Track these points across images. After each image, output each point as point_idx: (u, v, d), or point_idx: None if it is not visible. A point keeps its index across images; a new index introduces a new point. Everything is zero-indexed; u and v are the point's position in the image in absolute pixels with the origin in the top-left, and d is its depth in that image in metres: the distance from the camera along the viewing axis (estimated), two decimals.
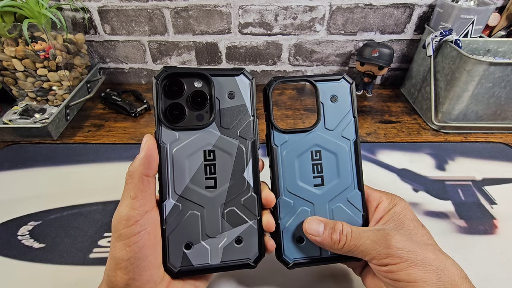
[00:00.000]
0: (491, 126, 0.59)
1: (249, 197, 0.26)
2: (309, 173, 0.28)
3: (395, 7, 0.66)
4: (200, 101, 0.25)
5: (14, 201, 0.44)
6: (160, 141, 0.24)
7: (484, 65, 0.50)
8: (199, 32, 0.69)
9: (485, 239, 0.40)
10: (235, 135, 0.26)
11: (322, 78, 0.28)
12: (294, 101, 0.70)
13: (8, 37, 0.56)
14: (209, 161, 0.25)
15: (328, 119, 0.28)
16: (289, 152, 0.28)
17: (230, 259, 0.26)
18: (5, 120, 0.58)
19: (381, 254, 0.23)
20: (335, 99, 0.28)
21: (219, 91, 0.26)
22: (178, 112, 0.25)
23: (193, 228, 0.25)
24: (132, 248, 0.22)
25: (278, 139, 0.28)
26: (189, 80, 0.25)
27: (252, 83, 0.27)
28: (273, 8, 0.66)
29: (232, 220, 0.26)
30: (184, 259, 0.25)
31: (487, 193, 0.46)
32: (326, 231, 0.26)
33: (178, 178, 0.25)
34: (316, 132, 0.28)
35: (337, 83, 0.28)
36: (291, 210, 0.27)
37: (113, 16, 0.67)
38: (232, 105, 0.26)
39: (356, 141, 0.28)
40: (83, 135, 0.58)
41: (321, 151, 0.28)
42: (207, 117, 0.25)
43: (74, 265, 0.37)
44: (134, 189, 0.22)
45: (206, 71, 0.25)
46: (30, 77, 0.60)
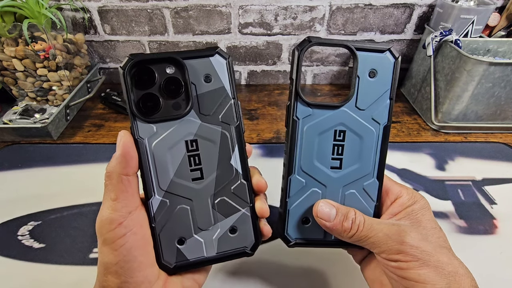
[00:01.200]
0: (491, 126, 0.59)
1: (239, 184, 0.25)
2: (328, 154, 0.25)
3: (395, 7, 0.66)
4: (175, 89, 0.23)
5: (14, 201, 0.44)
6: (137, 136, 0.23)
7: (484, 65, 0.50)
8: (199, 32, 0.69)
9: (485, 239, 0.40)
10: (217, 121, 0.24)
11: (365, 46, 0.24)
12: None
13: (8, 37, 0.56)
14: (192, 152, 0.24)
15: (362, 96, 0.25)
16: (310, 128, 0.25)
17: (226, 249, 0.25)
18: (5, 120, 0.58)
19: (393, 249, 0.22)
20: (374, 74, 0.25)
21: (194, 75, 0.23)
22: (152, 103, 0.23)
23: (184, 223, 0.24)
24: (120, 251, 0.21)
25: (301, 111, 0.25)
26: (159, 67, 0.23)
27: (229, 62, 0.24)
28: (273, 8, 0.66)
29: (224, 210, 0.25)
30: (178, 255, 0.24)
31: (487, 193, 0.46)
32: (338, 217, 0.24)
33: (161, 173, 0.23)
34: (345, 109, 0.25)
35: (381, 55, 0.25)
36: (302, 190, 0.26)
37: (113, 16, 0.67)
38: (210, 89, 0.24)
39: (387, 126, 0.26)
40: (83, 135, 0.58)
41: (345, 132, 0.25)
42: (184, 105, 0.24)
43: (74, 265, 0.37)
44: (114, 190, 0.21)
45: (177, 55, 0.23)
46: (30, 77, 0.60)
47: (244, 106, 0.68)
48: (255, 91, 0.74)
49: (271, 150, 0.54)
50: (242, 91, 0.74)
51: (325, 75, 0.76)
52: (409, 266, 0.21)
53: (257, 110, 0.66)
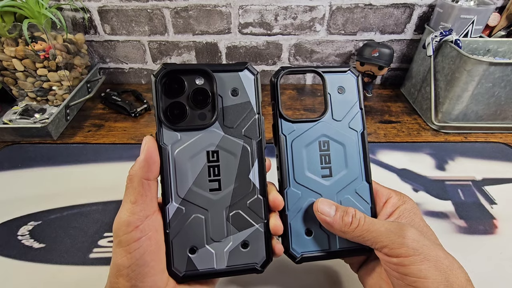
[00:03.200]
0: (491, 126, 0.59)
1: (255, 199, 0.25)
2: (317, 163, 0.27)
3: (395, 7, 0.66)
4: (202, 99, 0.24)
5: (14, 201, 0.44)
6: (161, 143, 0.23)
7: (484, 65, 0.50)
8: (199, 32, 0.69)
9: (485, 239, 0.40)
10: (240, 134, 0.25)
11: (330, 69, 0.28)
12: (294, 101, 0.70)
13: (8, 37, 0.56)
14: (212, 162, 0.24)
15: (336, 110, 0.28)
16: (297, 142, 0.27)
17: (236, 264, 0.25)
18: (5, 120, 0.58)
19: (395, 243, 0.22)
20: (342, 91, 0.28)
21: (222, 88, 0.24)
22: (179, 112, 0.24)
23: (198, 232, 0.24)
24: (133, 255, 0.21)
25: (286, 128, 0.27)
26: (190, 77, 0.24)
27: (257, 78, 0.25)
28: (273, 8, 0.66)
29: (238, 223, 0.25)
30: (189, 264, 0.24)
31: (487, 193, 0.46)
32: (338, 212, 0.25)
33: (180, 181, 0.24)
34: (323, 122, 0.28)
35: (344, 75, 0.28)
36: (299, 201, 0.27)
37: (113, 16, 0.67)
38: (236, 102, 0.25)
39: (364, 132, 0.28)
40: (83, 135, 0.58)
41: (329, 142, 0.27)
42: (209, 116, 0.24)
43: (74, 265, 0.37)
44: (134, 194, 0.22)
45: (207, 67, 0.24)
46: (30, 77, 0.60)
47: None
48: None
49: (271, 150, 0.54)
50: None
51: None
52: (410, 261, 0.21)
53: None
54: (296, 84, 0.77)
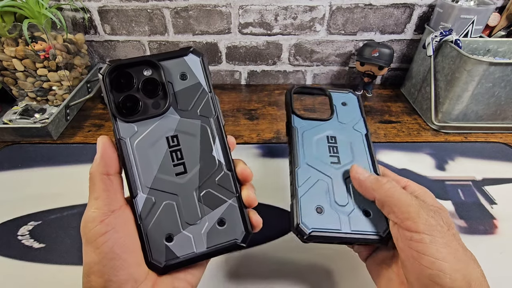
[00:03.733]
0: (491, 126, 0.59)
1: (223, 175, 0.25)
2: (326, 152, 0.30)
3: (395, 7, 0.66)
4: (152, 89, 0.24)
5: (14, 201, 0.44)
6: (119, 137, 0.24)
7: (484, 65, 0.50)
8: (199, 32, 0.69)
9: (485, 239, 0.40)
10: (196, 115, 0.25)
11: (336, 90, 0.34)
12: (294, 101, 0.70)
13: (8, 37, 0.56)
14: (173, 147, 0.24)
15: (341, 116, 0.32)
16: (307, 133, 0.30)
17: (217, 243, 0.24)
18: (5, 120, 0.58)
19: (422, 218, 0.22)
20: (345, 104, 0.33)
21: (170, 74, 0.25)
22: (132, 104, 0.24)
23: (171, 219, 0.24)
24: (101, 249, 0.21)
25: (297, 122, 0.31)
26: (137, 70, 0.24)
27: (202, 60, 0.26)
28: (273, 8, 0.66)
29: (210, 202, 0.25)
30: (168, 253, 0.24)
31: (487, 193, 0.46)
32: (371, 176, 0.26)
33: (145, 171, 0.24)
34: (330, 122, 0.32)
35: (346, 94, 0.34)
36: (309, 180, 0.28)
37: (113, 16, 0.67)
38: (186, 85, 0.25)
39: (367, 134, 0.31)
40: (83, 135, 0.58)
41: (336, 137, 0.31)
42: (162, 103, 0.25)
43: (74, 265, 0.37)
44: (96, 190, 0.22)
45: (152, 58, 0.24)
46: (30, 77, 0.60)
47: (244, 106, 0.68)
48: (255, 91, 0.74)
49: (271, 150, 0.54)
50: (242, 91, 0.74)
51: (325, 75, 0.76)
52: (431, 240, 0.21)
53: (257, 110, 0.66)
54: (296, 84, 0.77)
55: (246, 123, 0.62)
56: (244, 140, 0.57)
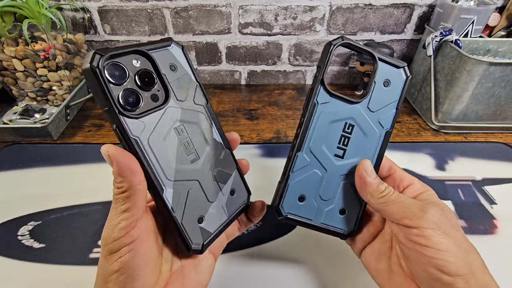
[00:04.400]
0: (491, 126, 0.59)
1: (225, 153, 0.28)
2: (335, 142, 0.27)
3: (395, 7, 0.66)
4: (148, 81, 0.23)
5: (14, 201, 0.44)
6: (131, 136, 0.22)
7: (484, 65, 0.50)
8: (199, 32, 0.69)
9: (485, 239, 0.40)
10: (192, 104, 0.26)
11: (386, 58, 0.27)
12: (294, 101, 0.70)
13: (8, 37, 0.56)
14: (183, 137, 0.25)
15: (374, 100, 0.28)
16: (325, 114, 0.27)
17: (233, 209, 0.29)
18: (5, 120, 0.58)
19: (417, 214, 0.22)
20: (388, 84, 0.28)
21: (162, 65, 0.24)
22: (133, 98, 0.22)
23: (198, 202, 0.26)
24: (123, 259, 0.21)
25: (322, 97, 0.27)
26: (127, 60, 0.22)
27: (184, 50, 0.26)
28: (273, 8, 0.66)
29: (222, 178, 0.28)
30: (203, 233, 0.26)
31: (487, 193, 0.46)
32: (376, 178, 0.26)
33: (165, 166, 0.24)
34: (358, 106, 0.27)
35: (397, 70, 0.28)
36: (305, 168, 0.27)
37: (113, 16, 0.67)
38: (177, 76, 0.25)
39: (389, 132, 0.28)
40: (83, 135, 0.58)
41: (354, 126, 0.27)
42: (161, 95, 0.24)
43: (74, 265, 0.37)
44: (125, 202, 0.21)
45: (140, 47, 0.23)
46: (30, 77, 0.60)
47: (244, 106, 0.68)
48: (255, 91, 0.74)
49: (271, 150, 0.54)
50: (242, 91, 0.74)
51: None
52: (431, 233, 0.22)
53: (257, 110, 0.66)
54: (296, 84, 0.77)
55: (246, 123, 0.62)
56: (244, 140, 0.57)
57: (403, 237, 0.23)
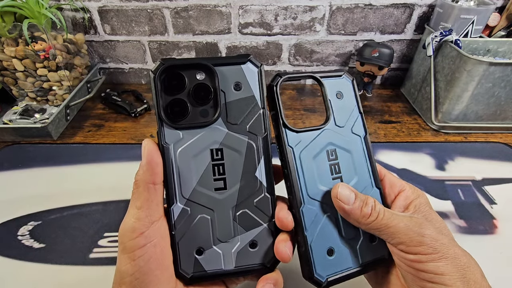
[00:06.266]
0: (491, 126, 0.59)
1: (262, 198, 0.24)
2: (328, 174, 0.25)
3: (395, 7, 0.66)
4: (204, 95, 0.23)
5: (14, 201, 0.44)
6: (163, 142, 0.22)
7: (484, 65, 0.50)
8: (199, 32, 0.69)
9: (485, 239, 0.40)
10: (244, 130, 0.24)
11: (326, 74, 0.26)
12: (294, 101, 0.70)
13: (8, 37, 0.56)
14: (217, 161, 0.23)
15: (337, 115, 0.26)
16: (304, 153, 0.25)
17: (245, 264, 0.24)
18: (5, 120, 0.58)
19: (414, 240, 0.22)
20: (341, 96, 0.27)
21: (224, 82, 0.23)
22: (181, 109, 0.23)
23: (204, 233, 0.24)
24: (137, 262, 0.21)
25: (292, 139, 0.25)
26: (190, 73, 0.23)
27: (260, 71, 0.24)
28: (273, 8, 0.66)
29: (245, 223, 0.24)
30: (196, 265, 0.24)
31: (487, 193, 0.46)
32: (357, 201, 0.23)
33: (184, 181, 0.23)
34: (328, 129, 0.26)
35: (340, 79, 0.27)
36: (316, 219, 0.25)
37: (113, 16, 0.67)
38: (239, 97, 0.24)
39: (366, 137, 0.27)
40: (83, 135, 0.58)
41: (336, 150, 0.26)
42: (212, 112, 0.23)
43: (74, 265, 0.37)
44: (140, 199, 0.21)
45: (208, 61, 0.23)
46: (30, 77, 0.60)
47: None
48: None
49: None
50: None
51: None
52: (428, 258, 0.21)
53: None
54: (296, 84, 0.77)
55: None
56: None
57: (399, 260, 0.23)
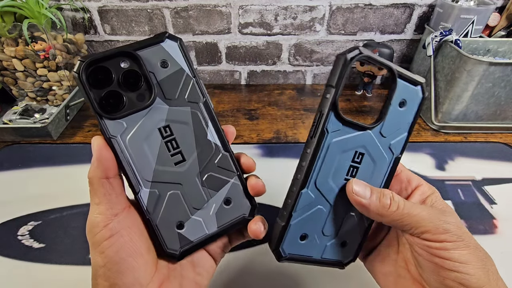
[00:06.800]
0: (491, 126, 0.59)
1: (221, 157, 0.26)
2: (343, 173, 0.24)
3: (395, 7, 0.66)
4: (134, 81, 0.23)
5: (14, 201, 0.44)
6: (109, 136, 0.22)
7: (484, 65, 0.50)
8: (199, 32, 0.69)
9: (485, 239, 0.40)
10: (184, 102, 0.24)
11: (405, 74, 0.24)
12: (294, 101, 0.70)
13: (8, 37, 0.56)
14: (168, 137, 0.24)
15: (388, 124, 0.24)
16: (335, 144, 0.24)
17: (226, 221, 0.26)
18: (5, 120, 0.58)
19: (440, 228, 0.22)
20: (403, 105, 0.24)
21: (150, 63, 0.23)
22: (115, 100, 0.23)
23: (179, 207, 0.25)
24: (107, 254, 0.21)
25: (332, 124, 0.23)
26: (113, 63, 0.23)
27: (180, 44, 0.24)
28: (273, 8, 0.66)
29: (214, 184, 0.25)
30: (181, 239, 0.25)
31: (487, 193, 0.46)
32: (374, 194, 0.23)
33: (143, 166, 0.23)
34: (370, 133, 0.24)
35: (414, 88, 0.24)
36: (309, 205, 0.25)
37: (113, 16, 0.67)
38: (169, 73, 0.24)
39: (398, 158, 0.25)
40: (83, 135, 0.58)
41: (364, 155, 0.25)
42: (147, 95, 0.23)
43: (74, 265, 0.37)
44: (97, 195, 0.22)
45: (127, 48, 0.23)
46: (30, 77, 0.60)
47: (244, 106, 0.68)
48: (255, 91, 0.74)
49: (271, 150, 0.54)
50: (242, 91, 0.74)
51: (325, 75, 0.76)
52: (453, 246, 0.21)
53: (257, 110, 0.66)
54: (296, 84, 0.77)
55: (246, 123, 0.62)
56: (244, 140, 0.57)
57: (421, 249, 0.23)
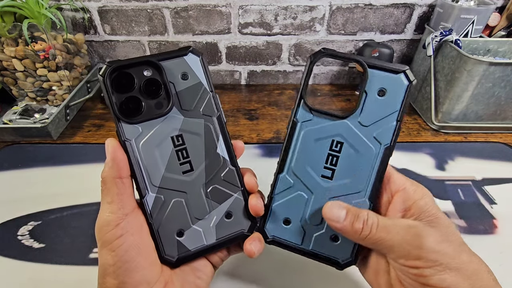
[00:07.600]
0: (491, 126, 0.59)
1: (228, 171, 0.27)
2: (321, 162, 0.25)
3: (395, 7, 0.66)
4: (154, 89, 0.24)
5: (14, 201, 0.44)
6: (124, 139, 0.24)
7: (484, 65, 0.50)
8: (199, 32, 0.69)
9: (485, 239, 0.40)
10: (199, 114, 0.26)
11: (378, 64, 0.24)
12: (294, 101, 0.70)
13: (8, 37, 0.56)
14: (179, 146, 0.25)
15: (366, 113, 0.24)
16: (308, 133, 0.25)
17: (225, 234, 0.27)
18: (5, 120, 0.58)
19: (412, 254, 0.21)
20: (383, 93, 0.24)
21: (171, 74, 0.25)
22: (135, 105, 0.24)
23: (181, 215, 0.25)
24: (117, 252, 0.21)
25: (302, 114, 0.25)
26: (137, 70, 0.24)
27: (202, 59, 0.26)
28: (273, 8, 0.66)
29: (217, 197, 0.26)
30: (179, 247, 0.25)
31: (487, 193, 0.46)
32: (348, 218, 0.23)
33: (152, 171, 0.24)
34: (346, 122, 0.24)
35: (395, 76, 0.24)
36: (289, 190, 0.26)
37: (113, 16, 0.67)
38: (187, 85, 0.25)
39: (389, 147, 0.24)
40: (83, 135, 0.58)
41: (343, 144, 0.25)
42: (165, 103, 0.25)
43: (74, 265, 0.37)
44: (110, 194, 0.22)
45: (152, 58, 0.24)
46: (30, 77, 0.60)
47: (244, 106, 0.68)
48: (255, 91, 0.74)
49: (270, 150, 0.54)
50: (242, 91, 0.74)
51: (325, 75, 0.76)
52: (431, 272, 0.20)
53: (257, 110, 0.66)
54: (296, 84, 0.77)
55: (246, 123, 0.62)
56: (244, 140, 0.57)
57: (401, 272, 0.22)
